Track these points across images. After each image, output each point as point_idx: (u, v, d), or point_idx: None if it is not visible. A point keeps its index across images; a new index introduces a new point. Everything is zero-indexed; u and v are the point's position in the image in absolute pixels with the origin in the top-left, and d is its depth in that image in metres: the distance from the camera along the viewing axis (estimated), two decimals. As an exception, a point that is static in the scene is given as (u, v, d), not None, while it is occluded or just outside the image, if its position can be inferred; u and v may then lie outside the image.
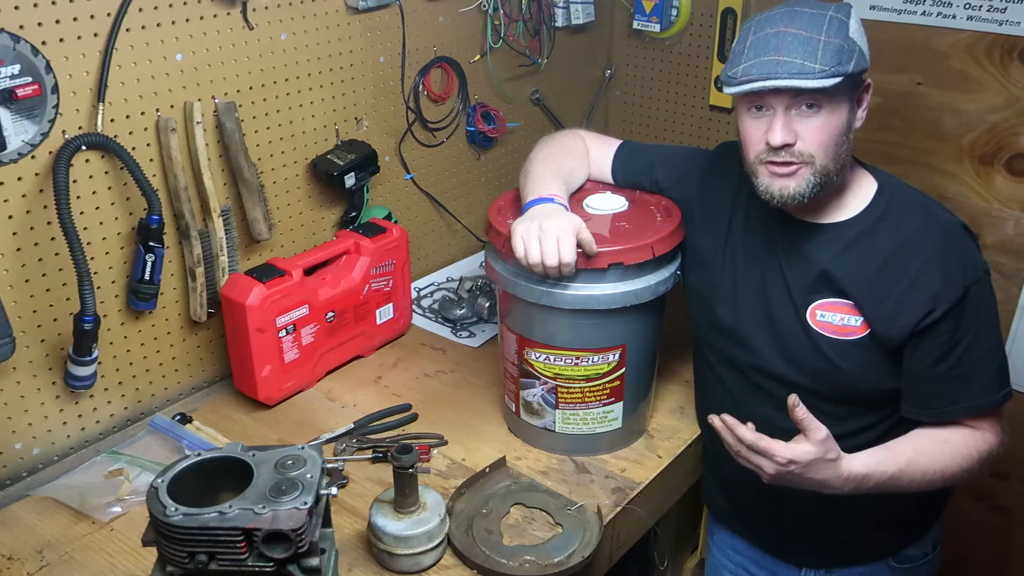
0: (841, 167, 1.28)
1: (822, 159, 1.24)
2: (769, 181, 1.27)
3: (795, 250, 1.35)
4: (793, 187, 1.26)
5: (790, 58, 1.18)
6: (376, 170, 1.87)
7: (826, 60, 1.18)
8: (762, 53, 1.20)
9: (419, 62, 1.96)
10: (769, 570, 1.56)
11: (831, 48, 1.19)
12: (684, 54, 2.30)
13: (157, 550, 1.04)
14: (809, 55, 1.18)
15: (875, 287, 1.29)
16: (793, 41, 1.19)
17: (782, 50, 1.19)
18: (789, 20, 1.22)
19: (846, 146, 1.27)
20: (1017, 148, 1.85)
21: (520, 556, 1.31)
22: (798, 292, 1.34)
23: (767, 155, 1.26)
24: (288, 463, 1.07)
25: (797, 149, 1.24)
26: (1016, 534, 2.12)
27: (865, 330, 1.30)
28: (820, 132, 1.23)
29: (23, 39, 1.33)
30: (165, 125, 1.52)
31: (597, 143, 1.62)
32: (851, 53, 1.20)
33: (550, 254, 1.32)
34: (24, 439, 1.51)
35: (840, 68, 1.18)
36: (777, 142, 1.23)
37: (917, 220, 1.29)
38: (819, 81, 1.17)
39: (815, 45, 1.19)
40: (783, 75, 1.18)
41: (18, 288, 1.43)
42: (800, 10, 1.23)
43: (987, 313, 1.30)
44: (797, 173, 1.25)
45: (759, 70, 1.19)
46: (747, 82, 1.20)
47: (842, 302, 1.31)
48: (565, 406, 1.49)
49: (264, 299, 1.57)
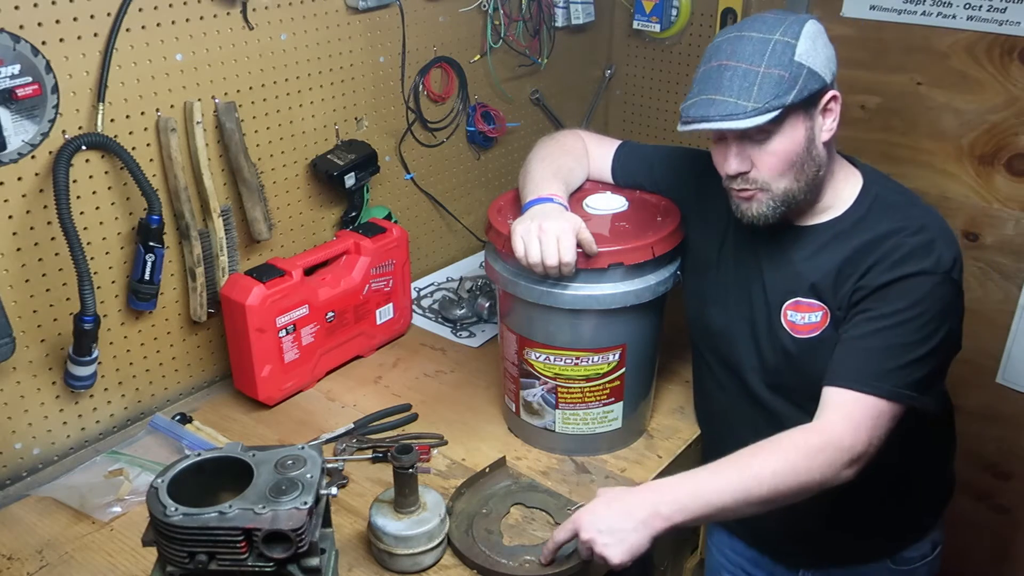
0: (811, 181, 1.28)
1: (778, 184, 1.26)
2: (738, 203, 1.31)
3: (777, 253, 1.36)
4: (755, 209, 1.29)
5: (725, 97, 1.19)
6: (376, 170, 1.87)
7: (761, 96, 1.18)
8: (703, 91, 1.22)
9: (419, 62, 1.96)
10: (767, 571, 1.56)
11: (769, 81, 1.18)
12: (684, 54, 2.30)
13: (157, 550, 1.05)
14: (744, 92, 1.18)
15: (838, 277, 1.28)
16: (732, 77, 1.20)
17: (721, 87, 1.20)
18: (731, 50, 1.22)
19: (810, 162, 1.26)
20: (1017, 148, 1.85)
21: (520, 556, 1.31)
22: (773, 294, 1.35)
23: (728, 181, 1.30)
24: (288, 463, 1.07)
25: (751, 176, 1.26)
26: (1016, 534, 2.12)
27: (825, 322, 1.30)
28: (772, 159, 1.24)
29: (23, 39, 1.33)
30: (165, 125, 1.52)
31: (596, 143, 1.62)
32: (794, 81, 1.19)
33: (550, 254, 1.32)
34: (24, 439, 1.51)
35: (776, 102, 1.18)
36: (730, 171, 1.27)
37: (894, 219, 1.28)
38: (751, 120, 1.18)
39: (752, 80, 1.19)
40: (715, 118, 1.20)
41: (18, 288, 1.43)
42: (747, 35, 1.22)
43: (925, 310, 1.22)
44: (755, 197, 1.28)
45: (696, 111, 1.22)
46: (687, 123, 1.23)
47: (806, 301, 1.32)
48: (565, 406, 1.49)
49: (264, 299, 1.57)
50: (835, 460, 1.18)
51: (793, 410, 1.36)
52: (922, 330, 1.22)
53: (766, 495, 1.17)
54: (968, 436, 1.64)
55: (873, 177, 1.35)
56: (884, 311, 1.23)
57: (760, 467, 1.18)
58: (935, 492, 1.49)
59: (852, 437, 1.19)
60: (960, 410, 1.51)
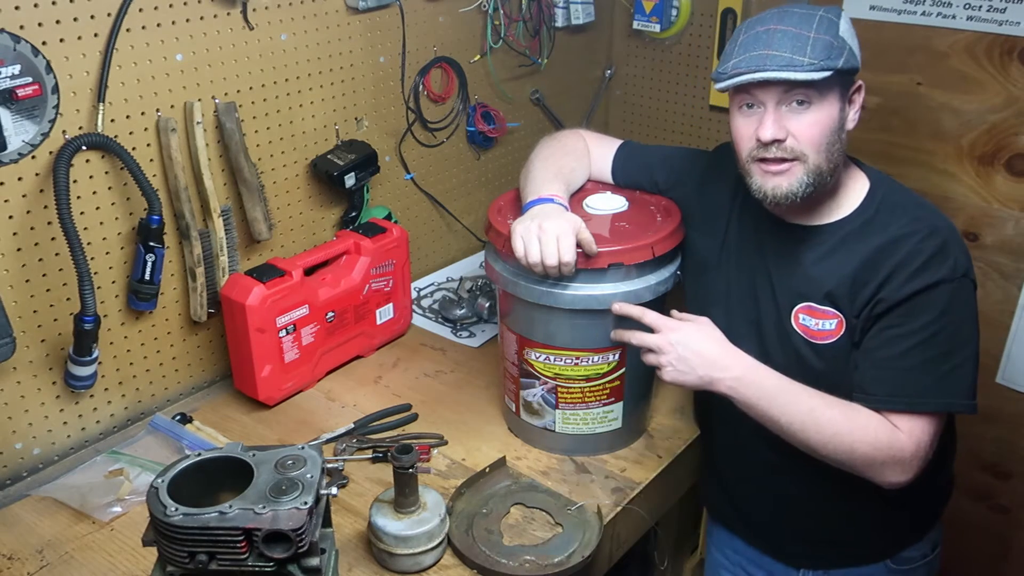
0: (834, 167, 1.27)
1: (814, 157, 1.24)
2: (762, 180, 1.27)
3: (784, 253, 1.35)
4: (786, 186, 1.25)
5: (779, 52, 1.19)
6: (376, 170, 1.87)
7: (815, 54, 1.19)
8: (751, 49, 1.21)
9: (419, 62, 1.96)
10: (767, 570, 1.56)
11: (820, 44, 1.20)
12: (684, 54, 2.30)
13: (157, 550, 1.05)
14: (798, 49, 1.19)
15: (854, 284, 1.28)
16: (782, 37, 1.20)
17: (772, 45, 1.20)
18: (779, 19, 1.23)
19: (838, 146, 1.26)
20: (1017, 148, 1.85)
21: (520, 556, 1.31)
22: (783, 295, 1.35)
23: (758, 151, 1.26)
24: (288, 463, 1.07)
25: (788, 145, 1.24)
26: (1016, 534, 2.12)
27: (840, 330, 1.30)
28: (811, 128, 1.23)
29: (23, 39, 1.33)
30: (165, 125, 1.52)
31: (597, 143, 1.62)
32: (841, 50, 1.21)
33: (550, 254, 1.32)
34: (24, 439, 1.51)
35: (829, 62, 1.19)
36: (767, 137, 1.23)
37: (902, 222, 1.28)
38: (808, 73, 1.18)
39: (804, 40, 1.20)
40: (772, 67, 1.19)
41: (18, 288, 1.43)
42: (790, 10, 1.24)
43: (953, 317, 1.24)
44: (789, 171, 1.25)
45: (748, 64, 1.20)
46: (736, 75, 1.21)
47: (821, 308, 1.31)
48: (565, 406, 1.49)
49: (264, 299, 1.57)
50: (890, 462, 1.24)
51: None
52: (955, 337, 1.24)
53: (815, 444, 1.25)
54: (968, 436, 1.63)
55: (878, 178, 1.35)
56: (914, 326, 1.24)
57: (824, 415, 1.24)
58: (935, 492, 1.49)
59: (914, 449, 1.24)
60: (960, 410, 1.51)
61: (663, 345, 1.31)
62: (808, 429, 1.24)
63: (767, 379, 1.28)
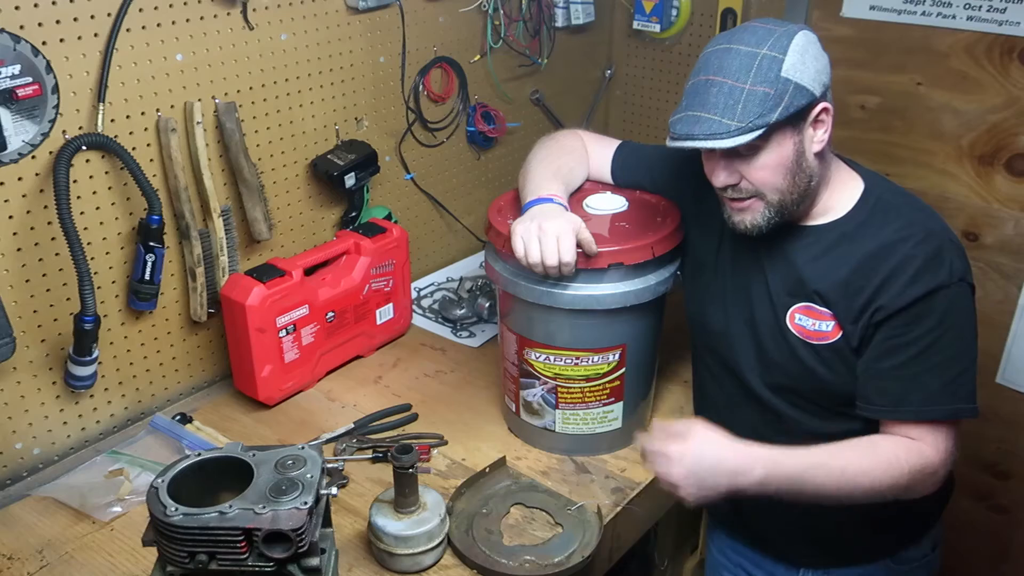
0: (803, 191, 1.27)
1: (772, 194, 1.26)
2: (731, 212, 1.31)
3: (778, 253, 1.35)
4: (749, 220, 1.29)
5: (710, 115, 1.19)
6: (376, 170, 1.87)
7: (745, 114, 1.17)
8: (690, 106, 1.22)
9: (419, 62, 1.96)
10: (767, 571, 1.56)
11: (754, 99, 1.17)
12: (684, 54, 2.30)
13: (157, 550, 1.05)
14: (729, 110, 1.18)
15: (847, 289, 1.28)
16: (718, 94, 1.19)
17: (706, 104, 1.20)
18: (719, 65, 1.21)
19: (802, 175, 1.25)
20: (1017, 148, 1.85)
21: (520, 556, 1.31)
22: (778, 295, 1.35)
23: (720, 192, 1.29)
24: (288, 463, 1.07)
25: (743, 187, 1.26)
26: (1016, 534, 2.12)
27: (838, 333, 1.30)
28: (760, 173, 1.24)
29: (23, 39, 1.33)
30: (165, 125, 1.52)
31: (596, 143, 1.62)
32: (779, 98, 1.18)
33: (550, 254, 1.32)
34: (24, 439, 1.51)
35: (760, 120, 1.17)
36: (720, 184, 1.27)
37: (897, 225, 1.27)
38: (733, 140, 1.18)
39: (737, 97, 1.18)
40: (699, 136, 1.19)
41: (18, 288, 1.43)
42: (735, 48, 1.21)
43: (953, 323, 1.23)
44: (751, 207, 1.27)
45: (682, 128, 1.21)
46: (675, 139, 1.23)
47: (817, 308, 1.31)
48: (565, 406, 1.49)
49: (264, 299, 1.57)
50: (929, 478, 1.25)
51: (793, 410, 1.37)
52: (957, 342, 1.24)
53: (858, 499, 1.24)
54: (968, 436, 1.63)
55: (874, 181, 1.35)
56: (915, 334, 1.23)
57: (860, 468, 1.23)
58: (935, 491, 1.49)
59: (940, 461, 1.25)
60: (960, 410, 1.51)
61: (676, 478, 1.21)
62: (845, 490, 1.23)
63: (789, 464, 1.22)
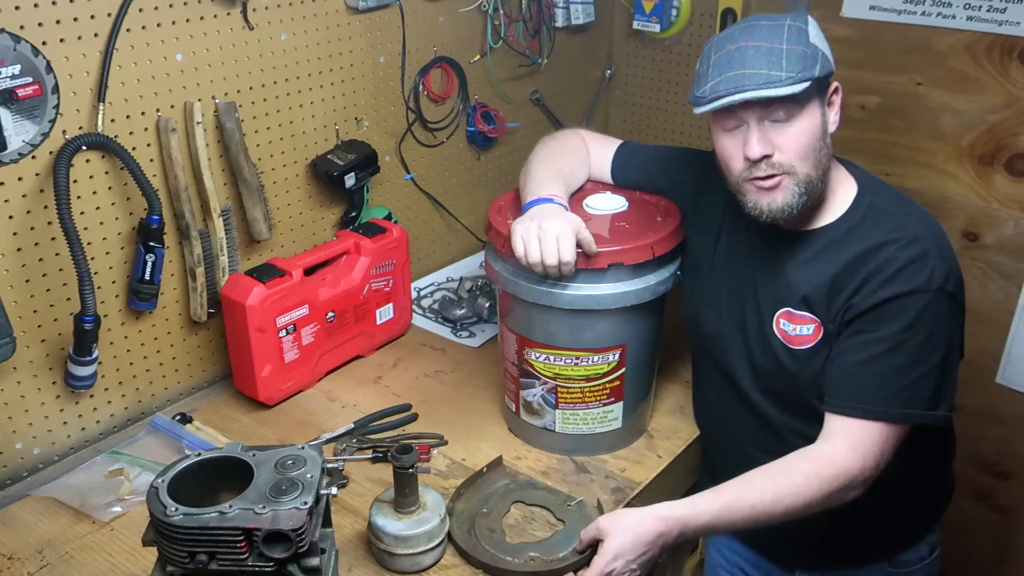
0: (824, 173, 1.27)
1: (802, 168, 1.24)
2: (757, 197, 1.26)
3: (769, 258, 1.35)
4: (780, 200, 1.25)
5: (755, 69, 1.18)
6: (376, 170, 1.87)
7: (791, 67, 1.18)
8: (726, 69, 1.20)
9: (419, 62, 1.96)
10: (763, 571, 1.57)
11: (795, 55, 1.18)
12: (684, 54, 2.30)
13: (157, 550, 1.05)
14: (774, 64, 1.18)
15: (831, 290, 1.27)
16: (755, 54, 1.19)
17: (746, 63, 1.18)
18: (748, 35, 1.21)
19: (824, 151, 1.26)
20: (1017, 148, 1.85)
21: (524, 553, 1.31)
22: (765, 300, 1.35)
23: (748, 171, 1.25)
24: (288, 463, 1.07)
25: (776, 160, 1.23)
26: (1016, 534, 2.12)
27: (818, 335, 1.29)
28: (796, 140, 1.22)
29: (23, 39, 1.33)
30: (165, 125, 1.52)
31: (597, 143, 1.62)
32: (815, 58, 1.19)
33: (550, 254, 1.32)
34: (24, 439, 1.51)
35: (806, 73, 1.18)
36: (755, 155, 1.22)
37: (886, 228, 1.26)
38: (787, 88, 1.17)
39: (778, 54, 1.18)
40: (750, 87, 1.17)
41: (18, 288, 1.43)
42: (757, 24, 1.23)
43: (922, 327, 1.21)
44: (781, 185, 1.24)
45: (726, 85, 1.19)
46: (716, 99, 1.20)
47: (799, 313, 1.31)
48: (565, 406, 1.49)
49: (264, 299, 1.57)
50: (845, 487, 1.22)
51: (783, 415, 1.37)
52: (921, 349, 1.22)
53: (772, 520, 1.22)
54: (968, 436, 1.64)
55: (868, 184, 1.34)
56: (881, 334, 1.22)
57: (767, 499, 1.21)
58: (934, 495, 1.49)
59: (861, 464, 1.22)
60: (960, 410, 1.51)
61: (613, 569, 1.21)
62: (760, 521, 1.22)
63: (701, 518, 1.23)
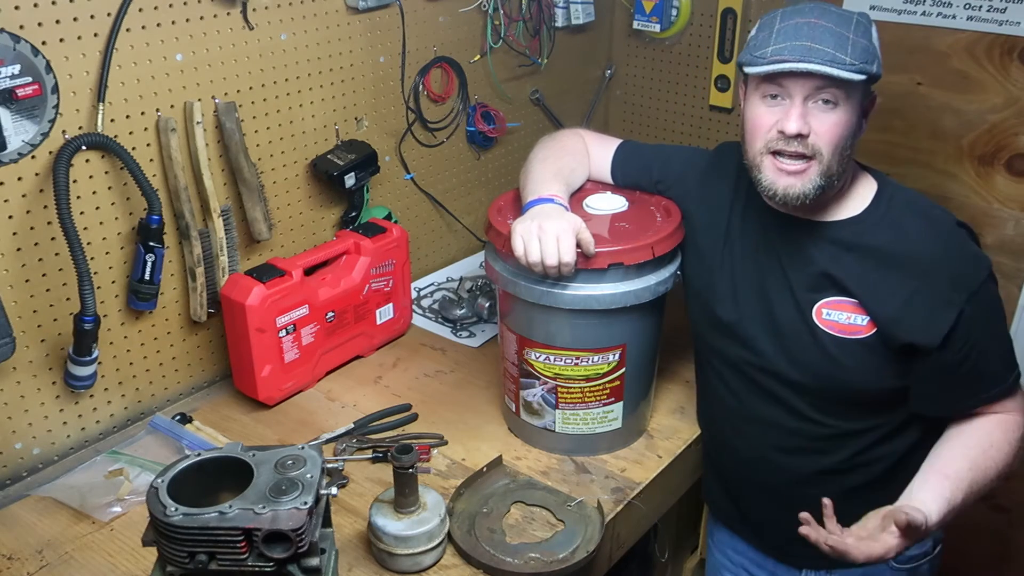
0: (843, 171, 1.28)
1: (829, 157, 1.24)
2: (775, 177, 1.27)
3: (795, 249, 1.35)
4: (799, 187, 1.26)
5: (823, 46, 1.19)
6: (376, 170, 1.87)
7: (855, 55, 1.19)
8: (793, 38, 1.21)
9: (419, 62, 1.96)
10: (769, 571, 1.56)
11: (859, 47, 1.21)
12: (684, 54, 2.30)
13: (157, 550, 1.05)
14: (840, 47, 1.19)
15: (879, 287, 1.28)
16: (824, 32, 1.20)
17: (815, 38, 1.20)
18: (820, 14, 1.23)
19: (850, 152, 1.28)
20: (1017, 148, 1.85)
21: (524, 553, 1.31)
22: (801, 291, 1.34)
23: (776, 143, 1.25)
24: (288, 463, 1.07)
25: (810, 142, 1.24)
26: (1016, 534, 2.12)
27: (871, 329, 1.30)
28: (834, 128, 1.23)
29: (23, 39, 1.33)
30: (165, 125, 1.52)
31: (597, 143, 1.62)
32: (874, 56, 1.22)
33: (550, 254, 1.32)
34: (24, 439, 1.51)
35: (866, 67, 1.20)
36: (792, 130, 1.23)
37: (919, 221, 1.30)
38: (849, 73, 1.19)
39: (845, 40, 1.20)
40: (816, 60, 1.18)
41: (18, 288, 1.43)
42: (829, 8, 1.24)
43: (995, 306, 1.31)
44: (805, 172, 1.25)
45: (792, 52, 1.20)
46: (779, 62, 1.20)
47: (847, 300, 1.31)
48: (565, 406, 1.49)
49: (264, 299, 1.57)
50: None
51: (811, 409, 1.37)
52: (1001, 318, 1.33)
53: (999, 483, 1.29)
54: (968, 436, 1.63)
55: (884, 179, 1.37)
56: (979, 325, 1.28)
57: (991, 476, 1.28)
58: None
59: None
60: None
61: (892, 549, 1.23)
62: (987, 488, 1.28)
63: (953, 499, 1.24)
